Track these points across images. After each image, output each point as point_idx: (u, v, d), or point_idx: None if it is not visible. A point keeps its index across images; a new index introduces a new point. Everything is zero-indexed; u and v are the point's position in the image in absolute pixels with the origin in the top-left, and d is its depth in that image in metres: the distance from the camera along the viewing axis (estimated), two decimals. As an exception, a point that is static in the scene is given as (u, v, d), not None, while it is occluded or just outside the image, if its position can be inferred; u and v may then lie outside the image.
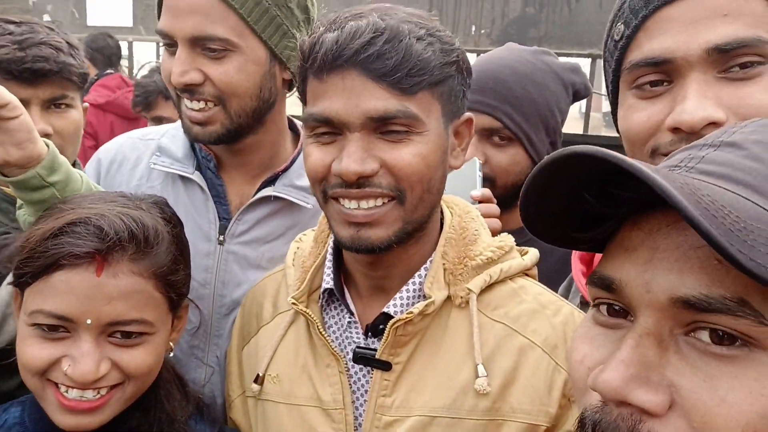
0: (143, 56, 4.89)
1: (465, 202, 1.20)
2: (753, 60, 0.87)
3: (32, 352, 1.02)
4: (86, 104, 1.78)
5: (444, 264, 1.09)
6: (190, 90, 1.32)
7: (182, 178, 1.46)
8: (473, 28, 3.85)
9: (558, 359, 1.05)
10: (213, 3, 1.28)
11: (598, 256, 1.05)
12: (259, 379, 1.16)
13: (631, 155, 0.98)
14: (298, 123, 1.56)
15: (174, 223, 1.15)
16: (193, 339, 1.43)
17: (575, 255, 1.18)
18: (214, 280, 1.43)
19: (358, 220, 1.00)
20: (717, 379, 0.52)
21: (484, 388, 1.01)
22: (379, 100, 0.96)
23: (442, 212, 1.14)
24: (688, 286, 0.53)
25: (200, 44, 1.30)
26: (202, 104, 1.33)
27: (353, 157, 0.97)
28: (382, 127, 0.98)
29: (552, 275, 1.21)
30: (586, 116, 4.02)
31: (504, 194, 1.60)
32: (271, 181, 1.46)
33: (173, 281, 1.09)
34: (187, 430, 1.14)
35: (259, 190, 1.45)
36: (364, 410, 1.08)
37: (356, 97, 0.96)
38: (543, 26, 3.78)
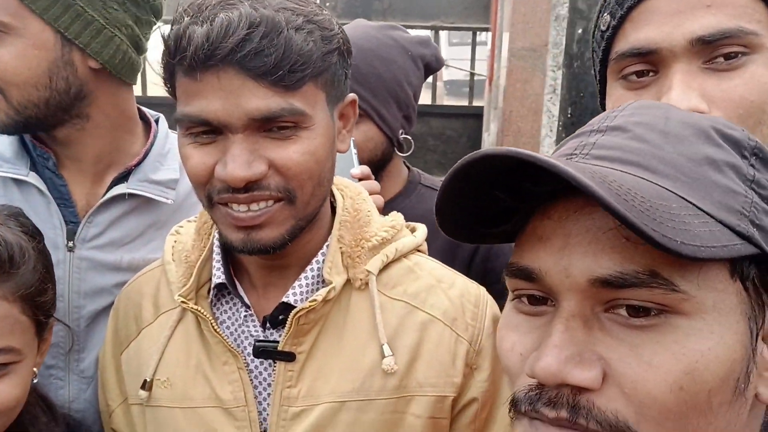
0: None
1: (354, 183, 1.17)
2: (736, 51, 0.88)
3: None
4: None
5: (341, 248, 1.06)
6: None
7: (15, 181, 1.27)
8: (318, 1, 3.78)
9: (458, 330, 1.06)
10: None
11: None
12: (146, 385, 1.06)
13: None
14: (149, 112, 1.42)
15: (35, 236, 1.01)
16: (50, 358, 1.26)
17: None
18: (67, 291, 1.26)
19: (247, 223, 0.93)
20: (641, 347, 0.55)
21: (392, 367, 1.01)
22: (261, 99, 0.88)
23: (332, 195, 1.11)
24: (604, 267, 0.55)
25: None
26: None
27: (238, 161, 0.89)
28: (266, 125, 0.90)
29: (444, 252, 1.22)
30: (433, 86, 4.14)
31: None
32: (123, 178, 1.31)
33: (41, 302, 0.97)
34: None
35: (110, 188, 1.30)
36: (268, 404, 1.03)
37: (235, 97, 0.87)
38: (387, -2, 3.81)
